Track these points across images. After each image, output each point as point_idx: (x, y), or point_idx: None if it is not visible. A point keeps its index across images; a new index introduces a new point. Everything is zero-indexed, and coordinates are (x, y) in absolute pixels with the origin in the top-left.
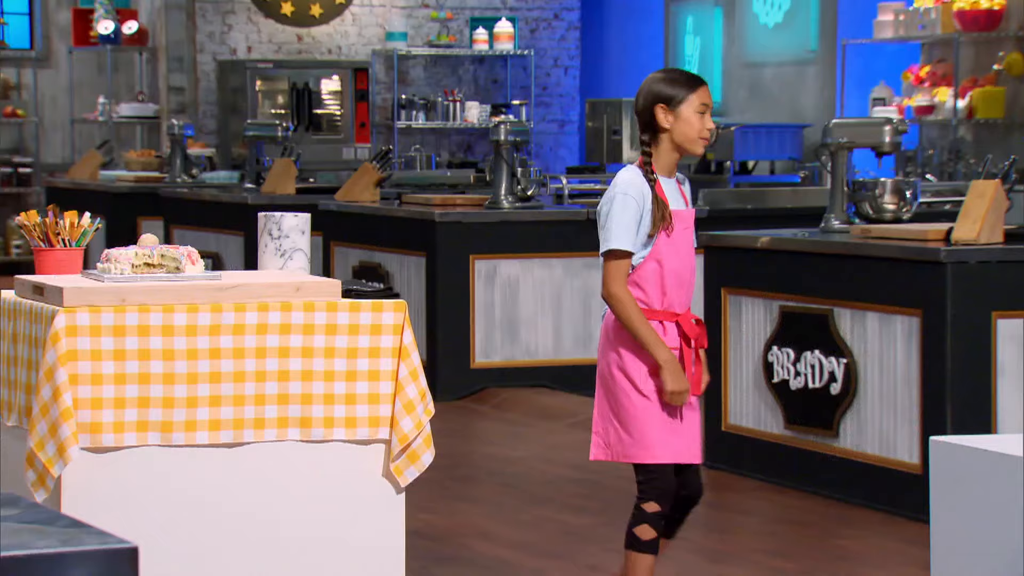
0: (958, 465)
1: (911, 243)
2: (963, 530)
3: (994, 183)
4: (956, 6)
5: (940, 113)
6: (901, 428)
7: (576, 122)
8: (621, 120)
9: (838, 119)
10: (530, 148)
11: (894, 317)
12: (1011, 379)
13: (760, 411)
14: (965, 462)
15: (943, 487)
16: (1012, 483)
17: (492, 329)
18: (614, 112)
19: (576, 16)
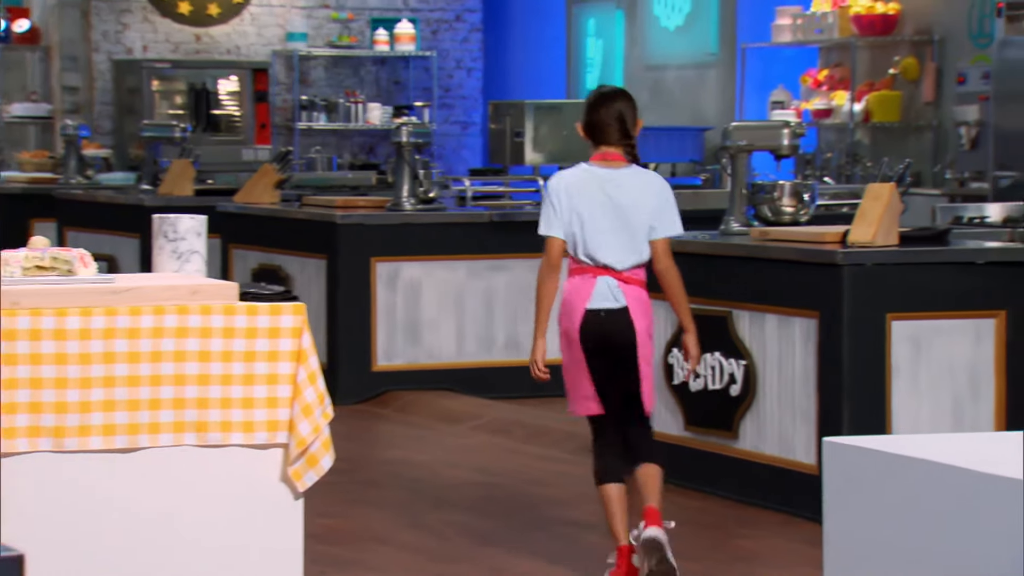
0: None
1: (809, 246)
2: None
3: (889, 186)
4: (852, 10)
5: (837, 116)
6: (799, 429)
7: (479, 124)
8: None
9: (737, 122)
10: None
11: (792, 319)
12: (906, 380)
13: (660, 413)
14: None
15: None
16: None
17: (394, 332)
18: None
19: (478, 18)
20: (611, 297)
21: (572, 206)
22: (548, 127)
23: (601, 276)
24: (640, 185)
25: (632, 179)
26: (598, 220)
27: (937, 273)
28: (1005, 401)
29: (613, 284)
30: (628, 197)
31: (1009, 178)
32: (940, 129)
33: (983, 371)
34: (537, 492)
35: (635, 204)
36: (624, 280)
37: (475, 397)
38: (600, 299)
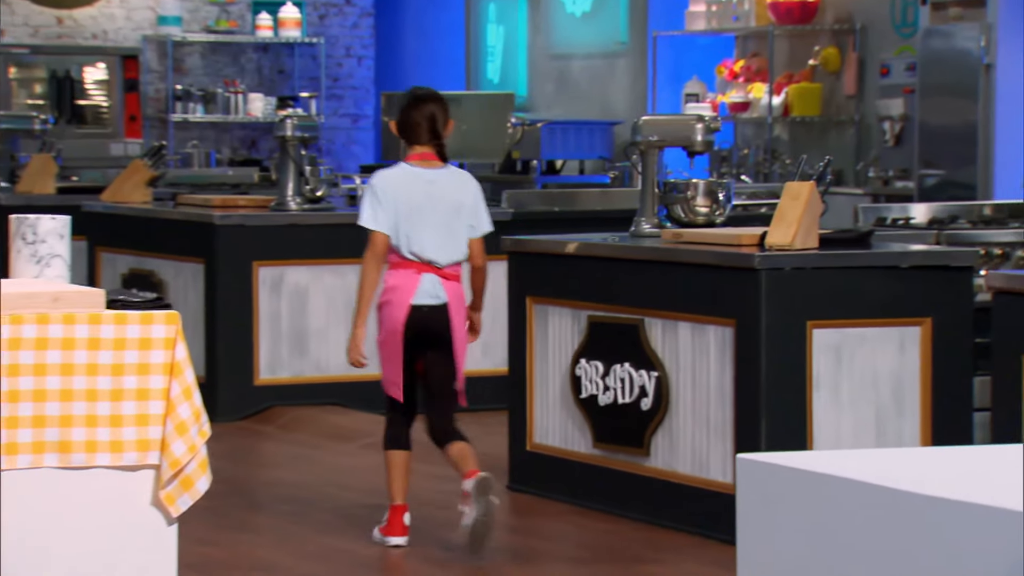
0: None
1: (724, 249)
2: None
3: (809, 185)
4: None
5: (755, 110)
6: (714, 445)
7: (371, 116)
8: None
9: (648, 116)
10: (320, 145)
11: (707, 327)
12: (827, 392)
13: (567, 429)
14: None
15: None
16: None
17: (278, 342)
18: None
19: (369, 2)
20: (434, 294)
21: (396, 204)
22: None
23: (425, 273)
24: (458, 184)
25: (450, 178)
26: (422, 218)
27: (860, 278)
28: (931, 414)
29: (436, 281)
30: (448, 196)
31: (935, 176)
32: (863, 124)
33: (908, 382)
34: (435, 515)
35: (455, 203)
36: (445, 277)
37: (367, 413)
38: (424, 296)
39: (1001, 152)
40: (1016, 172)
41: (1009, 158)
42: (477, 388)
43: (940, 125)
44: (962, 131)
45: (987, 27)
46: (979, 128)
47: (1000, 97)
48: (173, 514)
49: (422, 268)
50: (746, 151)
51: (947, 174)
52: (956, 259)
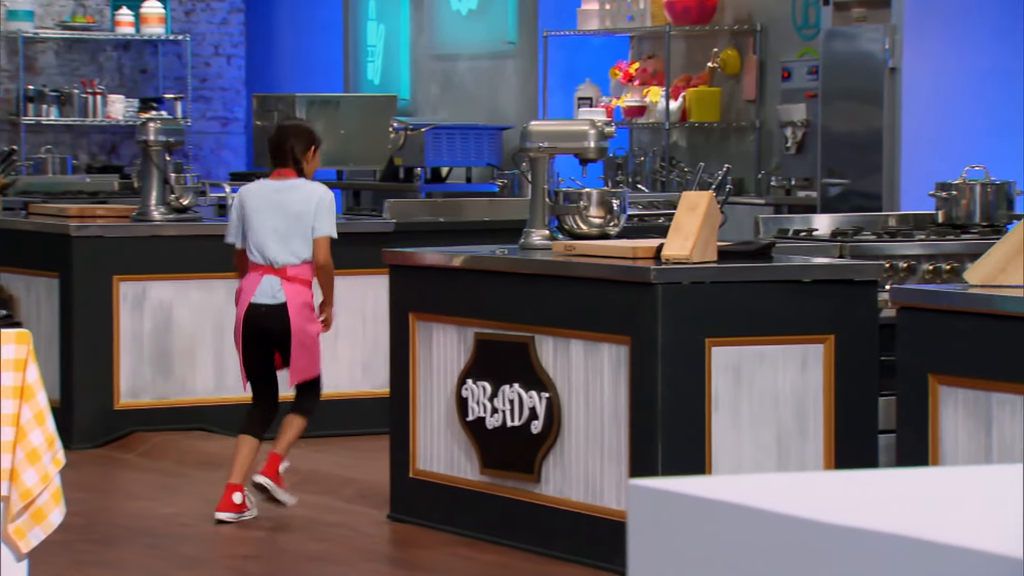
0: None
1: (618, 262)
2: None
3: (707, 195)
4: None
5: (652, 115)
6: (608, 471)
7: (242, 120)
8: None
9: (538, 121)
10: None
11: (600, 345)
12: (726, 413)
13: (453, 454)
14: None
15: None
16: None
17: (140, 363)
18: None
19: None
20: (271, 294)
21: (246, 213)
22: (323, 124)
23: (267, 275)
24: (305, 195)
25: (298, 190)
26: (265, 224)
27: (760, 293)
28: (834, 436)
29: (276, 282)
30: (294, 205)
31: (839, 186)
32: (764, 130)
33: (811, 403)
34: (308, 548)
35: (299, 211)
36: (286, 278)
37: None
38: (261, 295)
39: (907, 160)
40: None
41: (915, 166)
42: (357, 411)
43: (844, 131)
44: (867, 138)
45: (892, 28)
46: (884, 135)
47: (906, 102)
48: (23, 549)
49: (265, 270)
50: (642, 158)
51: (851, 183)
52: (860, 273)
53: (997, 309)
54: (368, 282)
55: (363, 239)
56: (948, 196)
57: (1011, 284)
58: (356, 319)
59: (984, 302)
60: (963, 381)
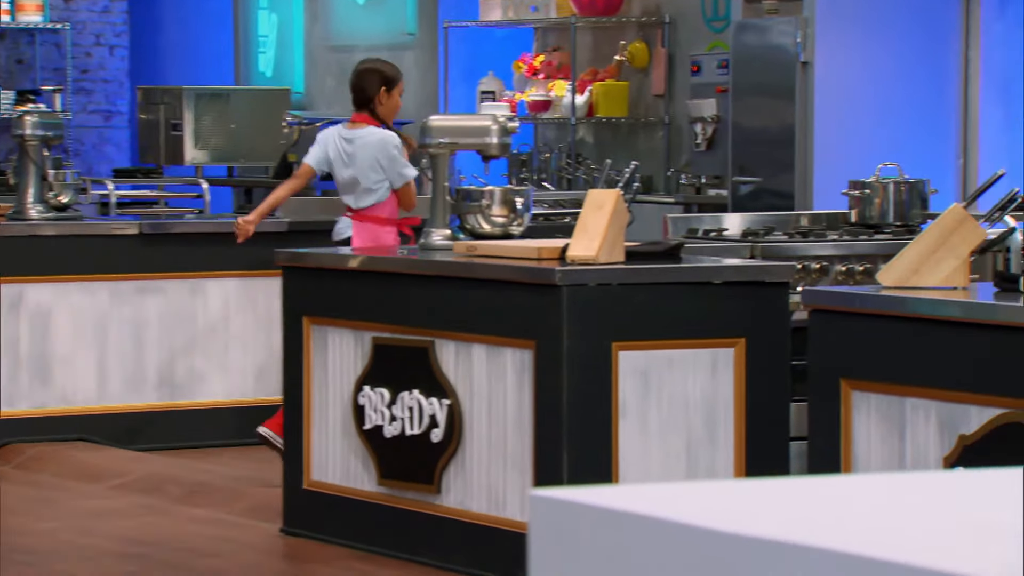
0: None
1: (522, 263)
2: None
3: (614, 193)
4: None
5: (557, 110)
6: (511, 481)
7: (126, 113)
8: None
9: (438, 116)
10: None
11: (504, 350)
12: (634, 420)
13: (349, 464)
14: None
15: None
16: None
17: (17, 370)
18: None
19: None
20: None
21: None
22: (212, 118)
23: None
24: (369, 144)
25: (364, 140)
26: (342, 174)
27: (669, 295)
28: (745, 443)
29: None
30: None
31: (751, 184)
32: (673, 126)
33: (721, 409)
34: (196, 565)
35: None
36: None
37: (120, 449)
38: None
39: (820, 157)
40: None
41: (828, 164)
42: (249, 419)
43: (755, 128)
44: (779, 134)
45: (804, 21)
46: (796, 131)
47: (819, 97)
48: None
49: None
50: (547, 155)
51: (763, 181)
52: (771, 274)
53: (910, 311)
54: (260, 284)
55: (255, 239)
56: (861, 195)
57: (925, 285)
58: (248, 323)
59: (897, 304)
60: (876, 386)
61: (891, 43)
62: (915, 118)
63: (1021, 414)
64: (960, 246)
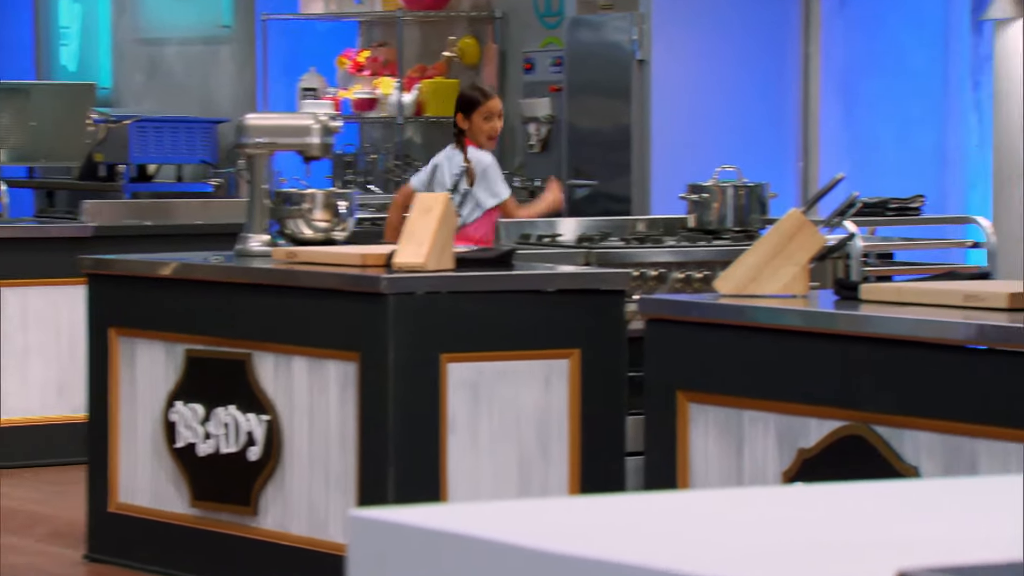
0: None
1: (346, 271)
2: None
3: (443, 197)
4: None
5: (384, 109)
6: (334, 501)
7: None
8: None
9: (256, 114)
10: None
11: (326, 362)
12: (464, 435)
13: (159, 485)
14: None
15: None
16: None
17: None
18: None
19: None
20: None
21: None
22: (11, 116)
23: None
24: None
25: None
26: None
27: (500, 304)
28: (579, 458)
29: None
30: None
31: (587, 187)
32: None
33: (554, 423)
34: None
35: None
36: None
37: None
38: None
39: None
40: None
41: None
42: (50, 438)
43: (591, 129)
44: (615, 136)
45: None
46: (633, 132)
47: (656, 97)
48: None
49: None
50: (373, 156)
51: (600, 184)
52: (607, 282)
53: (748, 320)
54: (62, 293)
55: (57, 245)
56: (699, 199)
57: (763, 294)
58: (49, 335)
59: (734, 313)
60: (714, 398)
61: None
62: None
63: (861, 427)
64: (799, 253)
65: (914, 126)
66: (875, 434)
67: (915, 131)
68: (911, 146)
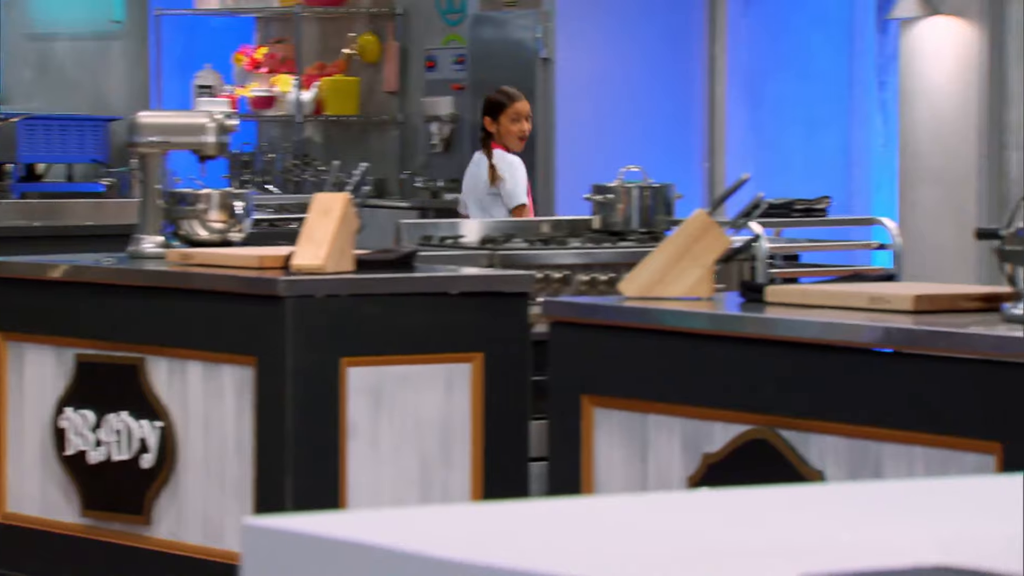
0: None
1: (242, 273)
2: None
3: (342, 197)
4: None
5: (282, 107)
6: (230, 509)
7: None
8: None
9: (149, 112)
10: None
11: (222, 367)
12: (364, 441)
13: (48, 494)
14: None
15: None
16: None
17: None
18: None
19: None
20: None
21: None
22: None
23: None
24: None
25: (481, 165)
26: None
27: (401, 307)
28: (482, 464)
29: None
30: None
31: None
32: (408, 125)
33: (457, 428)
34: None
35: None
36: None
37: None
38: None
39: (563, 159)
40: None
41: (571, 166)
42: None
43: None
44: None
45: (544, 15)
46: (538, 132)
47: (560, 96)
48: None
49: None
50: (271, 155)
51: None
52: (510, 284)
53: (654, 323)
54: None
55: None
56: (604, 200)
57: (668, 296)
58: None
59: (639, 316)
60: (618, 402)
61: (636, 40)
62: (660, 119)
63: (767, 431)
64: (704, 255)
65: (820, 126)
66: (780, 438)
67: (821, 131)
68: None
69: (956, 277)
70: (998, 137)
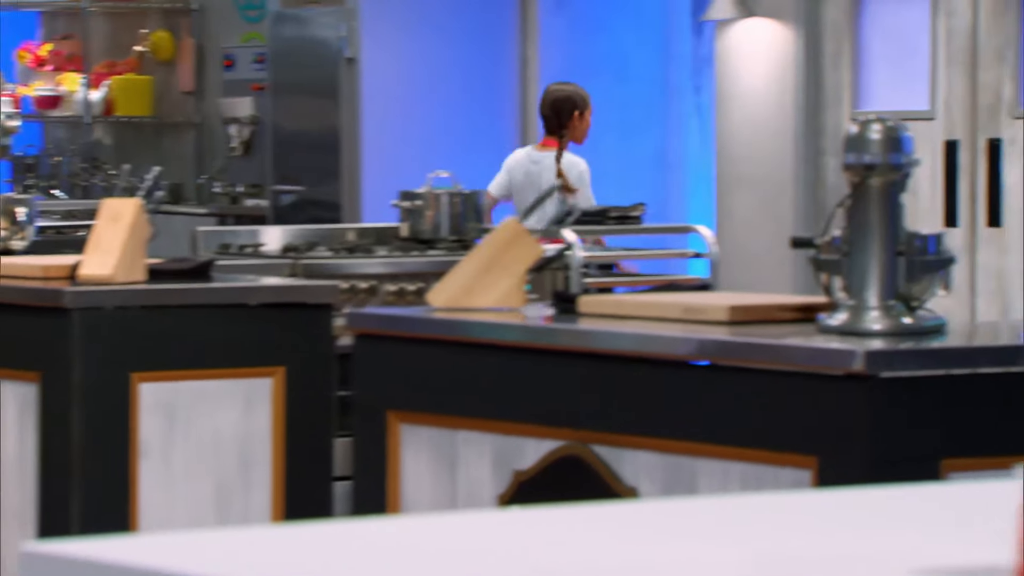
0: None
1: (24, 283)
2: None
3: (134, 203)
4: None
5: (69, 107)
6: (10, 536)
7: None
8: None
9: None
10: None
11: (3, 383)
12: (157, 461)
13: None
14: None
15: None
16: None
17: None
18: None
19: None
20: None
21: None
22: None
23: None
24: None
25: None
26: (525, 198)
27: (197, 319)
28: (284, 484)
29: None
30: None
31: (292, 194)
32: (205, 127)
33: (257, 447)
34: None
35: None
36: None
37: None
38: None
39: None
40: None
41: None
42: None
43: (298, 131)
44: (324, 138)
45: (348, 13)
46: (343, 135)
47: (366, 98)
48: None
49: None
50: (58, 158)
51: (307, 190)
52: (313, 295)
53: (461, 335)
54: None
55: None
56: (412, 207)
57: (478, 307)
58: None
59: (446, 328)
60: (426, 418)
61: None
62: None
63: (580, 447)
64: (515, 264)
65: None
66: (594, 454)
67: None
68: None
69: (774, 286)
70: (815, 142)
